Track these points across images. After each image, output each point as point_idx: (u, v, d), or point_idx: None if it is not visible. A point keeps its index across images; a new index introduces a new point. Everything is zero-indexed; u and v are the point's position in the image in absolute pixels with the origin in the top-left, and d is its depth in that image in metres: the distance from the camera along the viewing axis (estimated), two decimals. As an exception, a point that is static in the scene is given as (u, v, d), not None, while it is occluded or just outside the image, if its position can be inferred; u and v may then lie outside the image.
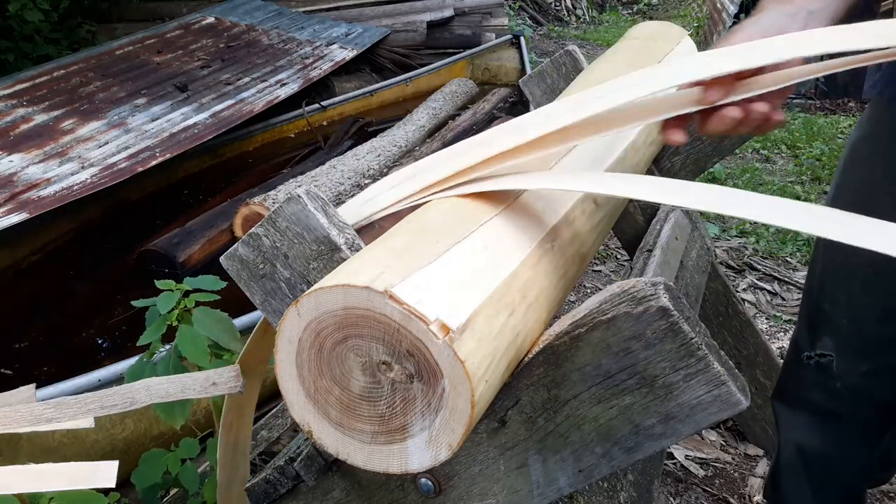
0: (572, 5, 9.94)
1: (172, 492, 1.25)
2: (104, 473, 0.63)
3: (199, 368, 0.96)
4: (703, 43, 4.83)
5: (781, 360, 1.25)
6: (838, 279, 1.06)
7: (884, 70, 1.01)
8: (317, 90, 4.32)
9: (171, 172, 3.36)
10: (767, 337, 2.29)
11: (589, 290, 2.65)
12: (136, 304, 1.03)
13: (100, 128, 3.14)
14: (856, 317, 1.04)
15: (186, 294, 0.99)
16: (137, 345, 0.99)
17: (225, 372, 0.76)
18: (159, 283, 1.01)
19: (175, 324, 0.98)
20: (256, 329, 0.84)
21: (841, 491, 1.15)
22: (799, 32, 0.72)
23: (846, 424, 1.09)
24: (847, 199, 1.06)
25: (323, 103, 4.16)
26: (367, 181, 3.11)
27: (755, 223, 3.28)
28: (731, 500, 1.67)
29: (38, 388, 0.82)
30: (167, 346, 0.99)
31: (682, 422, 0.57)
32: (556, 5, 9.66)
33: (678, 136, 0.71)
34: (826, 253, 1.08)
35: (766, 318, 2.48)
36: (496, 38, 5.43)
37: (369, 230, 0.72)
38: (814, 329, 1.09)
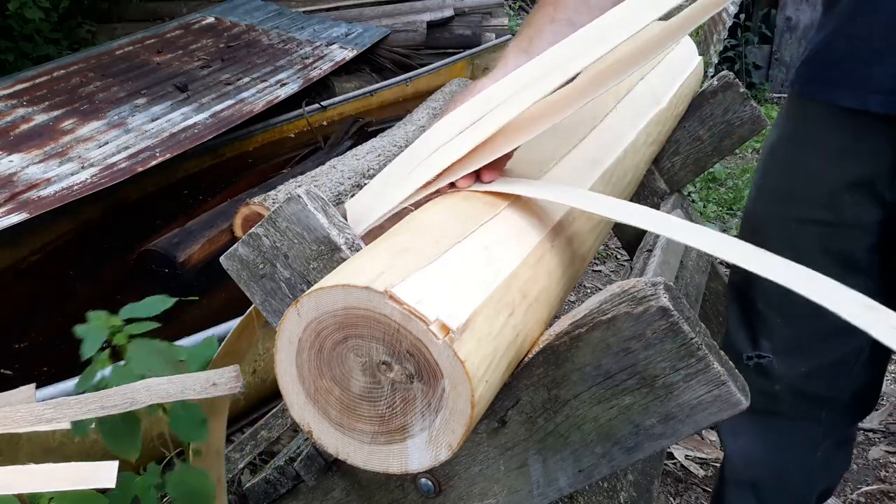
0: (572, 5, 9.91)
1: (172, 492, 1.25)
2: (104, 473, 0.62)
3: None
4: (703, 42, 4.84)
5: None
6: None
7: (801, 67, 0.97)
8: (317, 90, 4.31)
9: (171, 172, 3.36)
10: (767, 337, 2.28)
11: (589, 290, 2.65)
12: (78, 329, 0.94)
13: (100, 128, 3.14)
14: (788, 314, 1.00)
15: (121, 328, 0.91)
16: (75, 389, 0.89)
17: (225, 372, 0.76)
18: (90, 315, 0.93)
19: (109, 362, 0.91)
20: (230, 335, 0.84)
21: (788, 501, 1.13)
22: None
23: (787, 426, 1.07)
24: (765, 198, 1.04)
25: (323, 103, 4.15)
26: (366, 181, 3.10)
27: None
28: (731, 500, 1.67)
29: (38, 388, 0.82)
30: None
31: (682, 422, 0.57)
32: (556, 5, 9.64)
33: None
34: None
35: (766, 318, 2.47)
36: (496, 38, 5.41)
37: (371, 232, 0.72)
38: (751, 328, 1.06)
